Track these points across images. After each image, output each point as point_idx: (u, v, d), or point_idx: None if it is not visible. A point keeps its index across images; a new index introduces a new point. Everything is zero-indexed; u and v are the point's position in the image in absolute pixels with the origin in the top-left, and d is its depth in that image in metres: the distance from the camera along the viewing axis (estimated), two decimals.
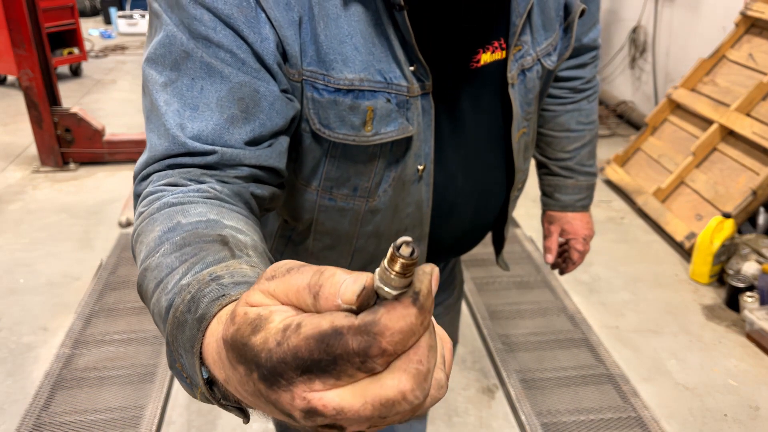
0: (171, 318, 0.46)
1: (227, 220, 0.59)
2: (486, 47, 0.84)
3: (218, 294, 0.44)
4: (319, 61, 0.73)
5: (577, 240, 1.26)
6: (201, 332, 0.41)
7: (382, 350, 0.31)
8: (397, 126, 0.79)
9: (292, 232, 0.95)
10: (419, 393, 0.32)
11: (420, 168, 0.85)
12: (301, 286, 0.34)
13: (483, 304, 2.57)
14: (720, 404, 2.08)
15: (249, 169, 0.70)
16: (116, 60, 6.97)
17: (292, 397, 0.32)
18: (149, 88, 0.70)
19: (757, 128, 2.92)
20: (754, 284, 2.50)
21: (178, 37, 0.67)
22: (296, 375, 0.32)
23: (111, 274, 2.74)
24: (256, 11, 0.68)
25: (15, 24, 3.60)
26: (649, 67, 4.44)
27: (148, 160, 0.68)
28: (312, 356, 0.31)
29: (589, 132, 1.19)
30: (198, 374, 0.41)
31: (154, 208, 0.61)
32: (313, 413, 0.32)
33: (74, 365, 2.20)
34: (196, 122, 0.67)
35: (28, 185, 3.73)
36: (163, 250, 0.54)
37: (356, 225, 0.88)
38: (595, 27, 1.11)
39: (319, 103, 0.75)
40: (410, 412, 0.33)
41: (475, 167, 0.93)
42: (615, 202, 3.54)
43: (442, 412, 2.06)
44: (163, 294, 0.50)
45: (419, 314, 0.31)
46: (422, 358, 0.32)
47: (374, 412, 0.32)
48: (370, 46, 0.74)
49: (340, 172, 0.82)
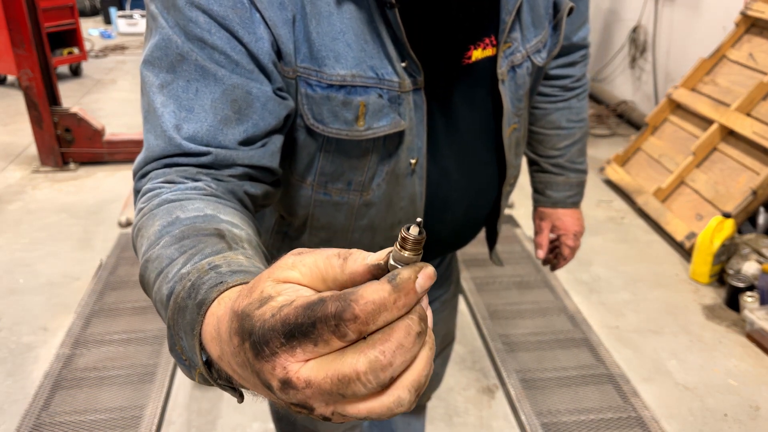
0: (172, 304, 0.48)
1: (223, 215, 0.62)
2: (477, 44, 0.86)
3: (217, 281, 0.47)
4: (311, 58, 0.75)
5: (567, 236, 1.28)
6: (201, 315, 0.44)
7: (355, 316, 0.34)
8: (389, 121, 0.81)
9: (289, 228, 0.97)
10: (372, 378, 0.34)
11: (413, 162, 0.86)
12: (332, 254, 0.38)
13: (483, 303, 2.57)
14: (720, 404, 2.08)
15: (243, 168, 0.72)
16: (116, 60, 6.97)
17: (273, 367, 0.36)
18: (146, 90, 0.72)
19: (758, 128, 2.92)
20: (754, 284, 2.50)
21: (174, 40, 0.69)
22: (281, 343, 0.35)
23: (111, 274, 2.74)
24: (250, 12, 0.70)
25: (15, 24, 3.60)
26: (650, 67, 4.44)
27: (146, 158, 0.71)
28: (296, 321, 0.35)
29: (579, 129, 1.22)
30: (197, 355, 0.45)
31: (154, 204, 0.64)
32: (288, 385, 0.36)
33: (74, 365, 2.20)
34: (191, 123, 0.69)
35: (27, 185, 3.73)
36: (163, 243, 0.57)
37: (351, 219, 0.90)
38: (585, 26, 1.13)
39: (312, 99, 0.77)
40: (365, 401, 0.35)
41: (468, 162, 0.95)
42: (615, 202, 3.54)
43: (442, 412, 2.06)
44: (164, 282, 0.53)
45: (392, 291, 0.35)
46: (386, 350, 0.35)
47: (332, 386, 0.35)
48: (362, 42, 0.76)
49: (334, 166, 0.84)
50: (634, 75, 4.70)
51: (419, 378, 0.36)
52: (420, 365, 0.36)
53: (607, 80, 5.09)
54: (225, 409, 2.05)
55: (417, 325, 0.36)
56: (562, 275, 2.80)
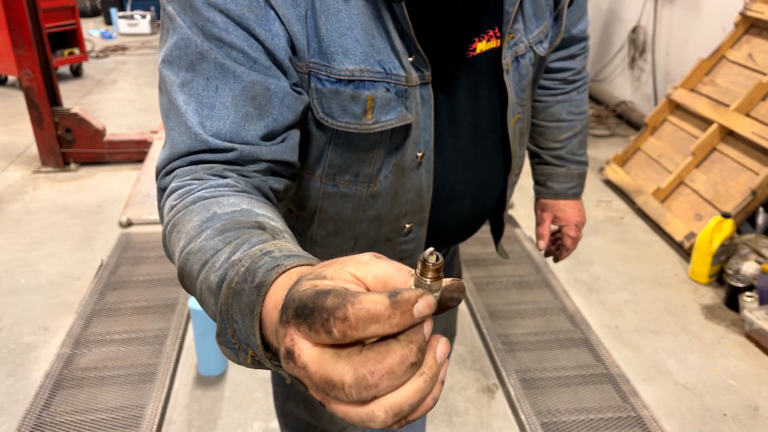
0: (225, 289, 0.50)
1: (258, 209, 0.63)
2: (481, 36, 0.88)
3: (273, 264, 0.48)
4: (321, 54, 0.76)
5: (569, 227, 1.29)
6: (261, 297, 0.46)
7: (345, 316, 0.35)
8: (397, 114, 0.82)
9: (296, 221, 0.98)
10: (354, 393, 0.36)
11: (419, 155, 0.88)
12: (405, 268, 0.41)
13: (483, 303, 2.58)
14: (719, 404, 2.09)
15: (266, 163, 0.73)
16: (117, 60, 6.97)
17: (285, 332, 0.38)
18: (167, 89, 0.73)
19: (757, 128, 2.92)
20: (753, 284, 2.50)
21: (193, 40, 0.70)
22: (292, 315, 0.38)
23: (111, 274, 2.75)
24: (265, 10, 0.71)
25: (16, 24, 3.61)
26: (649, 67, 4.44)
27: (171, 156, 0.72)
28: (305, 302, 0.37)
29: (579, 122, 1.23)
30: (256, 334, 0.46)
31: (189, 200, 0.65)
32: (290, 355, 0.38)
33: (75, 365, 2.20)
34: (213, 121, 0.71)
35: (28, 185, 3.74)
36: (205, 236, 0.58)
37: (358, 210, 0.92)
38: (584, 18, 1.15)
39: (322, 93, 0.78)
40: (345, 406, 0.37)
41: (474, 154, 0.96)
42: (615, 202, 3.55)
43: (442, 412, 2.06)
44: (212, 272, 0.54)
45: (389, 306, 0.35)
46: (376, 372, 0.35)
47: (320, 383, 0.37)
48: (370, 38, 0.77)
49: (342, 159, 0.86)
50: (633, 75, 4.70)
51: (400, 403, 0.36)
52: (405, 392, 0.36)
53: (607, 80, 5.09)
54: (226, 409, 2.05)
55: (414, 356, 0.36)
56: (561, 275, 2.80)
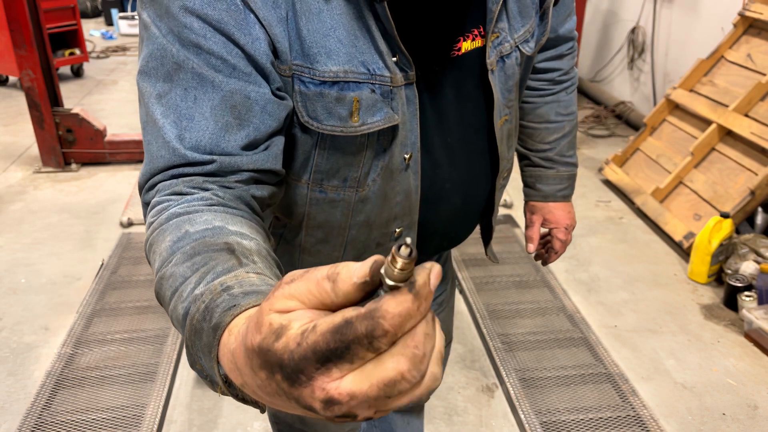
0: (188, 326, 0.50)
1: (231, 225, 0.62)
2: (466, 35, 0.87)
3: (230, 304, 0.48)
4: (303, 55, 0.74)
5: (559, 229, 1.28)
6: (216, 340, 0.46)
7: (385, 331, 0.35)
8: (383, 115, 0.81)
9: (284, 229, 0.96)
10: (416, 373, 0.36)
11: (407, 156, 0.87)
12: (321, 277, 0.39)
13: (482, 303, 2.58)
14: (718, 403, 2.09)
15: (248, 173, 0.72)
16: (117, 61, 6.98)
17: (312, 390, 0.37)
18: (144, 101, 0.72)
19: (756, 128, 2.93)
20: (752, 284, 2.51)
21: (169, 49, 0.69)
22: (315, 369, 0.36)
23: (112, 274, 2.76)
24: (245, 13, 0.69)
25: (16, 25, 3.61)
26: (648, 68, 4.45)
27: (151, 171, 0.71)
28: (329, 347, 0.36)
29: (568, 123, 1.22)
30: (217, 375, 0.46)
31: (163, 218, 0.64)
32: (331, 402, 0.37)
33: (76, 364, 2.21)
34: (192, 132, 0.69)
35: (29, 185, 3.74)
36: (175, 260, 0.58)
37: (348, 216, 0.90)
38: (571, 18, 1.13)
39: (306, 96, 0.77)
40: (409, 392, 0.37)
41: (461, 155, 0.95)
42: (614, 202, 3.55)
43: (442, 411, 2.07)
44: (179, 302, 0.54)
45: (415, 300, 0.36)
46: (418, 343, 0.36)
47: (379, 392, 0.36)
48: (353, 38, 0.76)
49: (329, 164, 0.84)
50: (632, 76, 4.71)
51: (440, 348, 0.39)
52: (438, 338, 0.39)
53: (606, 81, 5.10)
54: (226, 408, 2.06)
55: (430, 313, 0.38)
56: (560, 275, 2.81)
